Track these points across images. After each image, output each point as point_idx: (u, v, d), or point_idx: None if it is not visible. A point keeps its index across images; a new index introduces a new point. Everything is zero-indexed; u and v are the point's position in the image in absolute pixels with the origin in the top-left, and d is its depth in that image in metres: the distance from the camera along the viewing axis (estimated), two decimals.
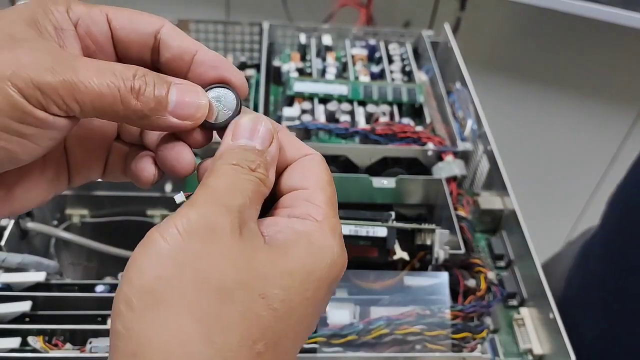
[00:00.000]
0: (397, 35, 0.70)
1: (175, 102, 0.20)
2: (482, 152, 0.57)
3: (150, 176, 0.22)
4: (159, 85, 0.20)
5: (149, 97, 0.19)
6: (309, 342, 0.39)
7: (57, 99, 0.18)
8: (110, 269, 0.49)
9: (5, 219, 0.44)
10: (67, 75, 0.18)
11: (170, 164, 0.21)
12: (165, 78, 0.20)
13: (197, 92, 0.21)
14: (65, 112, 0.18)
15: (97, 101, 0.19)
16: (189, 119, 0.20)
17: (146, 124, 0.20)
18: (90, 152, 0.23)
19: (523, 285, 0.48)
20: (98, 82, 0.18)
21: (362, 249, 0.42)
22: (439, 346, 0.39)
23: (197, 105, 0.21)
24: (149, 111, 0.20)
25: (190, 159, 0.22)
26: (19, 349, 0.38)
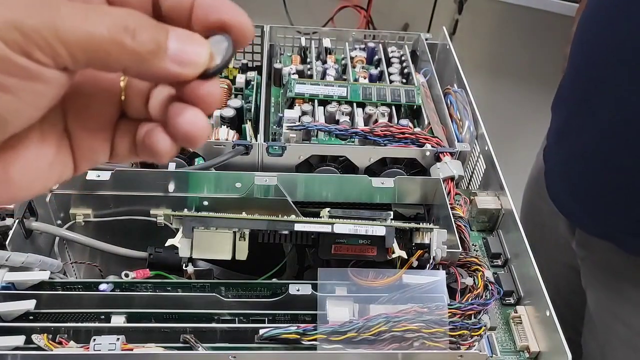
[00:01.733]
0: (395, 38, 0.71)
1: (175, 49, 0.18)
2: (479, 153, 0.57)
3: (167, 147, 0.20)
4: (156, 29, 0.18)
5: (147, 38, 0.17)
6: (309, 339, 0.39)
7: (41, 41, 0.16)
8: (113, 268, 0.49)
9: (10, 219, 0.44)
10: (50, 16, 0.16)
11: (184, 130, 0.19)
12: (161, 24, 0.18)
13: (197, 39, 0.19)
14: (52, 58, 0.16)
15: (87, 43, 0.16)
16: (189, 66, 0.18)
17: (145, 71, 0.18)
18: (94, 132, 0.20)
19: (519, 284, 0.49)
20: (87, 20, 0.16)
21: (361, 248, 0.43)
22: (437, 343, 0.40)
23: (197, 52, 0.19)
24: (147, 53, 0.17)
25: (204, 121, 0.19)
26: (24, 347, 0.38)
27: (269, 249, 0.46)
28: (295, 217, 0.43)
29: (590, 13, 0.58)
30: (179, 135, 0.19)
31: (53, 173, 0.20)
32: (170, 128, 0.19)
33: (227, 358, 0.38)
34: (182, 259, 0.45)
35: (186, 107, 0.19)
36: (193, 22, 0.20)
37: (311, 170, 0.53)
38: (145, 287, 0.43)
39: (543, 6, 1.04)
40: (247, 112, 0.62)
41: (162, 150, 0.20)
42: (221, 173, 0.48)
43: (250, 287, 0.44)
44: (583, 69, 0.59)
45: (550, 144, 0.66)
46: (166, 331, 0.40)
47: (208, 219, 0.42)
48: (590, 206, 0.60)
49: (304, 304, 0.41)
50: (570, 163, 0.61)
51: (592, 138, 0.57)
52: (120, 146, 0.21)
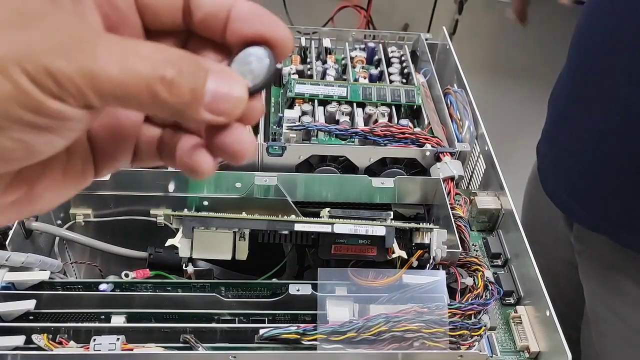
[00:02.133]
0: (395, 38, 0.71)
1: (212, 94, 0.16)
2: (479, 153, 0.57)
3: (211, 168, 0.19)
4: (195, 73, 0.16)
5: (184, 88, 0.16)
6: (309, 339, 0.39)
7: (73, 89, 0.15)
8: (113, 268, 0.49)
9: None
10: (85, 61, 0.15)
11: (232, 149, 0.18)
12: (200, 64, 0.17)
13: (238, 82, 0.17)
14: (83, 103, 0.16)
15: (119, 92, 0.16)
16: (225, 114, 0.17)
17: (177, 118, 0.17)
18: (117, 138, 0.20)
19: (519, 284, 0.49)
20: (120, 70, 0.15)
21: (361, 248, 0.43)
22: (437, 343, 0.40)
23: (235, 98, 0.17)
24: (183, 105, 0.16)
25: (250, 137, 0.18)
26: (24, 347, 0.38)
27: (269, 249, 0.46)
28: (295, 217, 0.43)
29: (588, 9, 0.58)
30: (227, 154, 0.19)
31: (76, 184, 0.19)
32: (216, 146, 0.19)
33: (227, 358, 0.38)
34: (182, 259, 0.45)
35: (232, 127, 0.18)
36: (228, 34, 0.19)
37: (311, 170, 0.53)
38: (145, 287, 0.43)
39: None
40: None
41: (207, 171, 0.19)
42: (221, 173, 0.48)
43: (250, 287, 0.44)
44: (579, 63, 0.60)
45: (545, 138, 0.67)
46: (166, 331, 0.40)
47: (208, 219, 0.42)
48: (584, 199, 0.60)
49: (304, 304, 0.41)
50: (564, 156, 0.62)
51: (585, 132, 0.58)
52: (143, 152, 0.20)
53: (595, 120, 0.56)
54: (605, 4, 0.55)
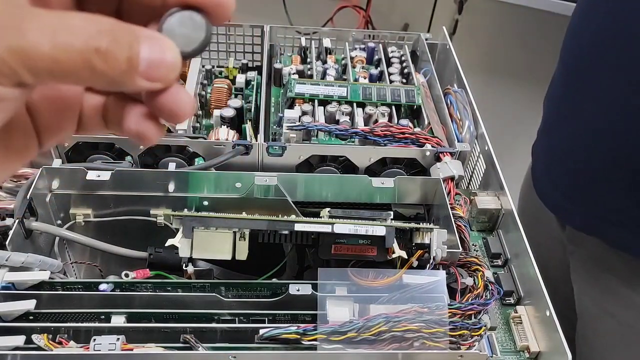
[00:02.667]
0: (395, 38, 0.71)
1: (147, 61, 0.16)
2: (479, 153, 0.57)
3: (157, 133, 0.19)
4: (128, 42, 0.16)
5: (120, 58, 0.16)
6: (309, 339, 0.39)
7: (5, 68, 0.15)
8: (113, 268, 0.49)
9: (10, 219, 0.44)
10: (15, 39, 0.15)
11: (169, 110, 0.18)
12: (133, 31, 0.16)
13: (170, 48, 0.17)
14: (16, 82, 0.15)
15: (54, 68, 0.15)
16: (161, 80, 0.17)
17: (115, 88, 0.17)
18: (59, 110, 0.19)
19: (519, 284, 0.49)
20: (52, 45, 0.15)
21: (361, 248, 0.43)
22: (437, 343, 0.40)
23: (170, 65, 0.17)
24: (119, 75, 0.16)
25: (188, 98, 0.18)
26: (24, 347, 0.38)
27: (269, 249, 0.46)
28: (295, 217, 0.43)
29: (580, 9, 0.59)
30: (164, 115, 0.18)
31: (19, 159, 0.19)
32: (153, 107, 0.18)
33: (227, 358, 0.38)
34: (182, 259, 0.45)
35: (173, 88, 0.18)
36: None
37: (311, 170, 0.53)
38: (145, 287, 0.43)
39: (543, 6, 1.04)
40: (247, 112, 0.62)
41: (152, 138, 0.19)
42: (221, 173, 0.48)
43: (250, 287, 0.44)
44: (570, 64, 0.60)
45: (539, 139, 0.67)
46: (166, 331, 0.40)
47: (208, 219, 0.42)
48: (575, 200, 0.60)
49: (304, 304, 0.41)
50: (556, 157, 0.62)
51: (575, 131, 0.58)
52: (88, 120, 0.20)
53: (587, 121, 0.57)
54: (597, 3, 0.55)
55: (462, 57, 0.65)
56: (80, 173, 0.46)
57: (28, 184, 0.46)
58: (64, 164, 0.51)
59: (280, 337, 0.39)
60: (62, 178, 0.47)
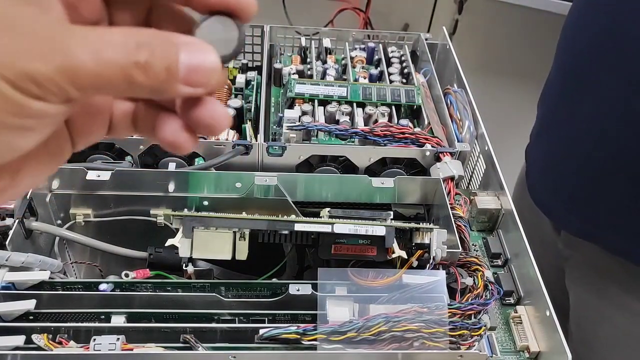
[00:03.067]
0: (395, 38, 0.71)
1: (186, 67, 0.17)
2: (479, 153, 0.57)
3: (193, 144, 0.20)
4: (167, 52, 0.17)
5: (158, 69, 0.16)
6: (309, 339, 0.39)
7: (54, 87, 0.16)
8: (113, 268, 0.49)
9: (10, 219, 0.44)
10: (61, 59, 0.16)
11: (206, 123, 0.19)
12: (171, 40, 0.17)
13: (210, 52, 0.18)
14: (64, 99, 0.16)
15: (98, 83, 0.16)
16: (202, 85, 0.17)
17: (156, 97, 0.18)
18: (92, 115, 0.20)
19: (519, 284, 0.49)
20: (96, 62, 0.16)
21: (361, 248, 0.43)
22: (437, 343, 0.40)
23: (210, 68, 0.17)
24: (159, 84, 0.17)
25: (224, 112, 0.19)
26: (24, 346, 0.38)
27: (269, 249, 0.46)
28: (295, 217, 0.43)
29: (575, 8, 0.58)
30: (200, 129, 0.19)
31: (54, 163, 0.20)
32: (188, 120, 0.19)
33: (227, 358, 0.38)
34: (182, 259, 0.45)
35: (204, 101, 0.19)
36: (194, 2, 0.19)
37: (311, 170, 0.53)
38: (145, 287, 0.43)
39: (543, 6, 1.04)
40: (247, 112, 0.62)
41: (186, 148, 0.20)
42: (221, 173, 0.48)
43: (250, 287, 0.44)
44: (566, 64, 0.59)
45: (533, 142, 0.66)
46: (166, 331, 0.40)
47: (208, 219, 0.42)
48: (570, 203, 0.59)
49: (304, 304, 0.41)
50: (550, 158, 0.61)
51: (571, 132, 0.57)
52: (118, 125, 0.21)
53: (585, 124, 0.56)
54: (595, 3, 0.54)
55: (462, 57, 0.65)
56: (80, 173, 0.46)
57: None
58: (64, 163, 0.51)
59: (280, 337, 0.39)
60: (62, 178, 0.47)
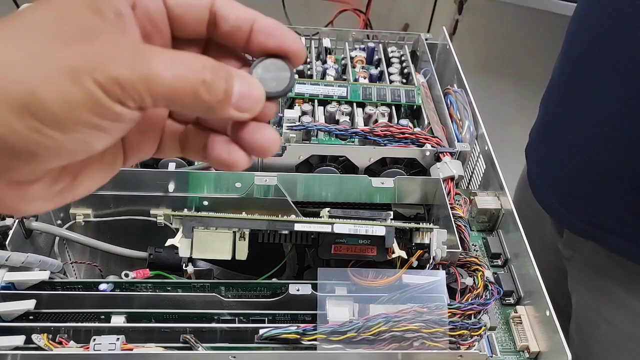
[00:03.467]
0: (395, 38, 0.71)
1: (238, 95, 0.20)
2: (479, 153, 0.57)
3: (246, 161, 0.22)
4: (226, 78, 0.20)
5: (219, 90, 0.19)
6: (308, 339, 0.39)
7: (134, 93, 0.18)
8: (113, 268, 0.49)
9: (10, 219, 0.44)
10: (144, 69, 0.18)
11: (261, 146, 0.21)
12: (229, 70, 0.20)
13: (257, 86, 0.21)
14: (140, 105, 0.18)
15: (170, 94, 0.18)
16: (248, 111, 0.20)
17: (210, 115, 0.20)
18: (145, 133, 0.22)
19: (519, 284, 0.49)
20: (172, 75, 0.18)
21: (361, 248, 0.43)
22: (437, 343, 0.40)
23: (256, 98, 0.20)
24: (217, 103, 0.19)
25: (277, 136, 0.22)
26: (24, 346, 0.38)
27: (269, 249, 0.46)
28: (295, 217, 0.43)
29: (579, 9, 0.58)
30: (255, 150, 0.22)
31: (108, 173, 0.22)
32: (243, 142, 0.21)
33: (227, 358, 0.38)
34: (182, 259, 0.45)
35: (260, 126, 0.21)
36: (251, 46, 0.22)
37: (311, 170, 0.53)
38: (145, 287, 0.43)
39: (543, 6, 1.04)
40: None
41: (244, 165, 0.22)
42: (221, 173, 0.48)
43: (250, 287, 0.44)
44: (570, 64, 0.59)
45: (533, 140, 0.66)
46: (166, 331, 0.40)
47: (208, 219, 0.42)
48: (573, 204, 0.59)
49: (304, 304, 0.41)
50: (554, 161, 0.61)
51: (574, 133, 0.57)
52: (166, 145, 0.23)
53: (587, 125, 0.56)
54: (598, 6, 0.54)
55: (462, 57, 0.65)
56: None
57: None
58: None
59: (280, 337, 0.39)
60: None
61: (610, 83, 0.52)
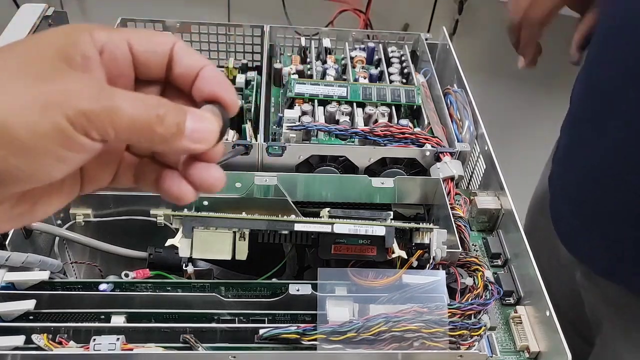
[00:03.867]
0: (395, 38, 0.71)
1: (191, 128, 0.22)
2: (479, 153, 0.57)
3: (193, 195, 0.24)
4: (178, 113, 0.22)
5: (171, 123, 0.22)
6: (308, 339, 0.39)
7: (99, 125, 0.20)
8: (113, 268, 0.49)
9: None
10: (108, 103, 0.20)
11: (208, 183, 0.24)
12: (181, 107, 0.22)
13: (210, 119, 0.23)
14: (102, 137, 0.20)
15: (130, 127, 0.21)
16: (202, 142, 0.23)
17: (166, 148, 0.22)
18: (104, 164, 0.24)
19: (519, 284, 0.49)
20: (132, 110, 0.20)
21: (361, 248, 0.43)
22: (437, 343, 0.40)
23: (209, 130, 0.23)
24: (171, 136, 0.22)
25: (222, 174, 0.24)
26: (24, 347, 0.38)
27: (269, 249, 0.46)
28: (295, 217, 0.43)
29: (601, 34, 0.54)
30: (202, 187, 0.24)
31: (65, 200, 0.24)
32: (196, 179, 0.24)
33: (227, 358, 0.38)
34: (182, 259, 0.45)
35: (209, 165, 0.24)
36: (194, 89, 0.24)
37: (311, 170, 0.53)
38: (145, 287, 0.43)
39: None
40: (247, 112, 0.62)
41: (190, 199, 0.24)
42: None
43: (250, 287, 0.44)
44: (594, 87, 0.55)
45: (556, 168, 0.61)
46: (166, 331, 0.40)
47: (208, 219, 0.42)
48: (596, 238, 0.54)
49: (304, 304, 0.41)
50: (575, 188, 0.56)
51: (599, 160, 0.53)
52: (121, 176, 0.25)
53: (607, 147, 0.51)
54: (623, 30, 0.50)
55: (462, 57, 0.65)
56: None
57: None
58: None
59: (280, 337, 0.39)
60: None
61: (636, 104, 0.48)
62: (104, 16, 1.19)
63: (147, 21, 0.68)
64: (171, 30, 0.68)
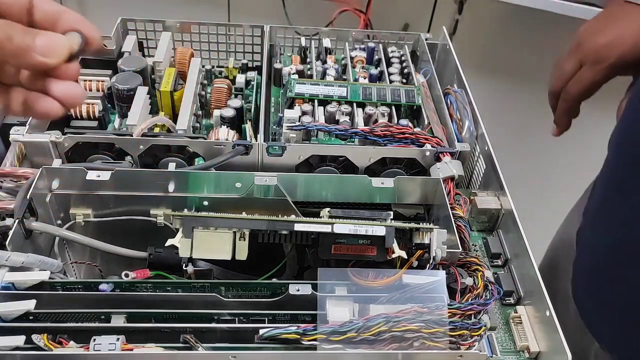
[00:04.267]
0: (395, 38, 0.71)
1: (39, 44, 0.27)
2: (479, 153, 0.57)
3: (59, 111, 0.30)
4: (26, 32, 0.27)
5: (19, 40, 0.27)
6: (308, 339, 0.39)
7: None
8: (113, 268, 0.49)
9: (10, 219, 0.44)
10: None
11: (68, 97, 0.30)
12: (32, 29, 0.28)
13: (58, 36, 0.29)
14: None
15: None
16: (51, 56, 0.28)
17: (21, 63, 0.27)
18: None
19: (519, 284, 0.49)
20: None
21: (361, 248, 0.43)
22: (437, 343, 0.40)
23: (56, 44, 0.28)
24: (20, 51, 0.27)
25: (81, 89, 0.30)
26: (24, 347, 0.38)
27: (269, 249, 0.46)
28: (295, 217, 0.43)
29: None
30: (67, 101, 0.30)
31: None
32: (59, 96, 0.30)
33: (227, 358, 0.38)
34: (182, 259, 0.45)
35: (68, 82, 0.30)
36: (57, 27, 0.30)
37: (311, 170, 0.53)
38: (145, 287, 0.43)
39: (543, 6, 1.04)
40: (247, 112, 0.62)
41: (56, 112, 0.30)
42: (221, 173, 0.48)
43: (250, 287, 0.44)
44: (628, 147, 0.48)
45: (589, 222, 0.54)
46: (166, 331, 0.40)
47: (208, 219, 0.42)
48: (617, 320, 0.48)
49: (304, 304, 0.41)
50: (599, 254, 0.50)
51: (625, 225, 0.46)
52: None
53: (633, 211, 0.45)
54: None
55: (462, 57, 0.65)
56: (80, 173, 0.46)
57: (28, 184, 0.46)
58: (64, 164, 0.51)
59: (280, 337, 0.39)
60: (62, 178, 0.47)
61: None
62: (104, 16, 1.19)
63: (147, 21, 0.68)
64: (171, 30, 0.68)
